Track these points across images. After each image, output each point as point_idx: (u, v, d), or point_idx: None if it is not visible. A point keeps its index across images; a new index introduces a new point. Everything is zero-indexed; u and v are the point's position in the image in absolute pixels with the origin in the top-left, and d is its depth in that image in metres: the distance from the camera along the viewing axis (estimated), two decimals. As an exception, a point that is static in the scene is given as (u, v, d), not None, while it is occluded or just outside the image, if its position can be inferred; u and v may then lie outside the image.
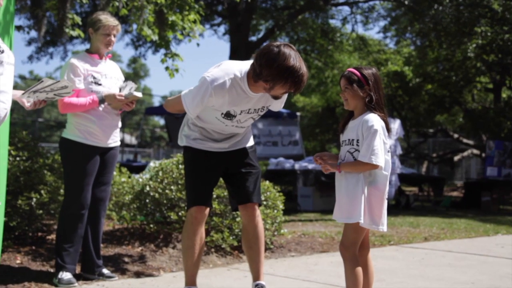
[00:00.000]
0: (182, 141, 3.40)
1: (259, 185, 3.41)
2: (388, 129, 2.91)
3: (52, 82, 2.98)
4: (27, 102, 3.09)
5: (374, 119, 2.85)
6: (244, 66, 3.11)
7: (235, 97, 3.08)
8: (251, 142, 3.48)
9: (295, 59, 2.90)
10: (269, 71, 2.90)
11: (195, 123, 3.32)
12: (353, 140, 2.89)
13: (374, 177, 2.86)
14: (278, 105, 3.36)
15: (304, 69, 2.92)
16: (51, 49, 17.75)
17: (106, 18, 3.93)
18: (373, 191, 2.84)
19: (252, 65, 3.02)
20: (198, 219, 3.26)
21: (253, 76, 3.02)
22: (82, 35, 6.13)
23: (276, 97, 3.11)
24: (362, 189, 2.82)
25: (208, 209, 3.31)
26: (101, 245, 4.26)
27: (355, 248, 2.88)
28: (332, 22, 19.39)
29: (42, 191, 4.73)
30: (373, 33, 42.44)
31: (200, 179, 3.31)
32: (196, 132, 3.33)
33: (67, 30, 5.85)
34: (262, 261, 3.36)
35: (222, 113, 3.15)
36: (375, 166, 2.81)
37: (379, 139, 2.82)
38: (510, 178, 12.05)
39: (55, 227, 4.84)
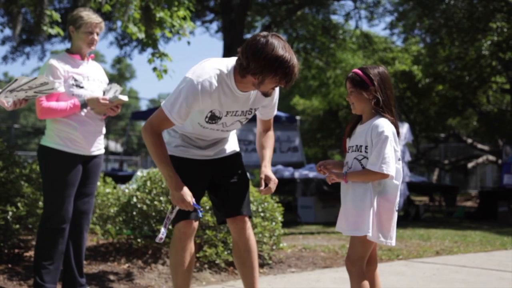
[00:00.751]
0: None
1: (249, 196, 3.41)
2: (398, 134, 2.93)
3: (28, 79, 3.00)
4: (6, 103, 3.11)
5: (384, 124, 2.87)
6: (230, 62, 3.09)
7: (222, 96, 3.05)
8: (236, 148, 3.48)
9: (284, 49, 2.90)
10: (256, 63, 2.88)
11: (175, 129, 3.33)
12: (361, 146, 2.92)
13: (384, 187, 2.89)
14: (269, 112, 3.34)
15: (294, 60, 2.93)
16: (27, 49, 17.78)
17: (88, 15, 3.95)
18: (382, 202, 2.87)
19: (238, 59, 2.99)
20: (188, 234, 3.26)
21: (240, 71, 2.99)
22: (62, 33, 6.15)
23: (266, 94, 3.07)
24: (371, 200, 2.84)
25: (197, 223, 3.32)
26: (84, 262, 4.26)
27: (362, 263, 2.90)
28: (334, 18, 19.51)
29: (19, 204, 4.73)
30: (379, 29, 42.72)
31: (190, 190, 3.25)
32: (177, 139, 3.32)
33: (45, 27, 5.87)
34: (257, 277, 3.36)
35: (206, 117, 3.12)
36: (386, 176, 2.83)
37: (390, 146, 2.84)
38: (529, 187, 12.09)
39: (34, 243, 4.83)
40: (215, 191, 3.39)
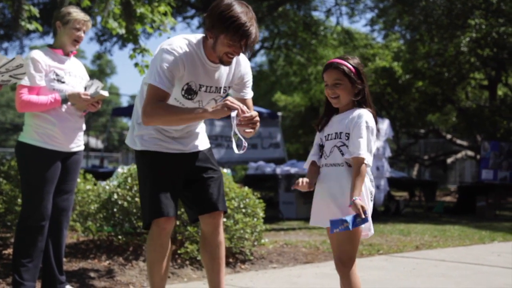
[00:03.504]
0: (135, 145, 3.31)
1: (223, 191, 3.40)
2: (377, 130, 2.91)
3: (8, 60, 2.96)
4: None
5: (367, 115, 2.82)
6: (199, 35, 3.18)
7: (194, 64, 3.08)
8: (208, 144, 3.49)
9: (243, 13, 2.94)
10: (211, 18, 2.98)
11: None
12: (341, 133, 2.84)
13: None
14: (244, 93, 3.33)
15: (254, 29, 2.95)
16: (5, 44, 17.58)
17: (77, 12, 3.95)
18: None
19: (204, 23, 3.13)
20: (167, 230, 3.21)
21: (204, 32, 3.09)
22: (40, 28, 6.07)
23: (222, 61, 3.06)
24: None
25: (174, 219, 3.27)
26: (64, 259, 4.22)
27: (353, 262, 2.82)
28: (315, 14, 19.56)
29: (-3, 201, 4.68)
30: (360, 26, 43.01)
31: (166, 186, 3.22)
32: (150, 130, 3.25)
33: (23, 23, 5.79)
34: (224, 272, 3.38)
35: (182, 89, 3.11)
36: (362, 162, 2.75)
37: (372, 137, 2.80)
38: (507, 182, 12.24)
39: (12, 240, 4.78)
40: (189, 187, 3.35)
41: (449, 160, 19.04)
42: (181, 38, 3.11)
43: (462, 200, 12.35)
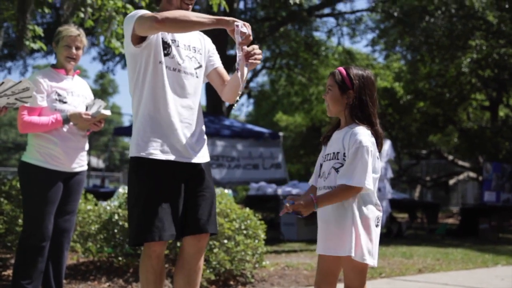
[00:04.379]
0: (132, 151, 3.03)
1: (215, 211, 3.13)
2: (381, 144, 2.73)
3: (14, 83, 2.97)
4: None
5: (362, 133, 2.66)
6: None
7: None
8: (208, 156, 3.21)
9: None
10: None
11: (148, 111, 3.00)
12: (338, 153, 2.71)
13: (363, 201, 2.68)
14: (213, 60, 3.29)
15: None
16: (9, 64, 17.61)
17: (67, 29, 3.95)
18: (363, 218, 2.66)
19: None
20: (162, 255, 3.02)
21: None
22: (44, 48, 6.11)
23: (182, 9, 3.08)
24: (352, 217, 2.63)
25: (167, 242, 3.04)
26: (64, 281, 4.19)
27: None
28: (317, 34, 19.65)
29: (-2, 221, 4.66)
30: (361, 46, 43.00)
31: (162, 201, 2.93)
32: (147, 128, 2.98)
33: (27, 42, 5.83)
34: None
35: (161, 48, 3.02)
36: (358, 189, 2.61)
37: (366, 157, 2.62)
38: (510, 204, 12.19)
39: (12, 261, 4.75)
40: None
41: (451, 182, 19.01)
42: None
43: (464, 222, 12.28)
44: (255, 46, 2.94)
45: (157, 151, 2.98)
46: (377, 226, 2.72)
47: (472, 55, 13.34)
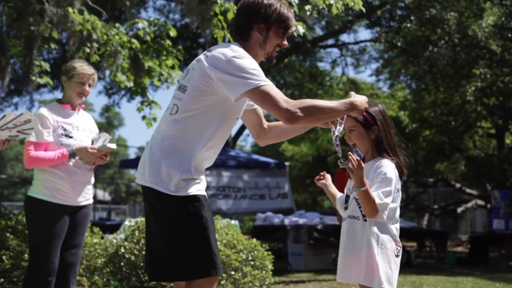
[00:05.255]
0: (180, 188, 2.69)
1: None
2: (403, 174, 2.87)
3: (15, 115, 3.00)
4: None
5: (388, 165, 2.79)
6: (233, 44, 2.85)
7: None
8: None
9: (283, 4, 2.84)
10: (255, 14, 2.77)
11: (214, 135, 2.76)
12: None
13: (383, 231, 2.76)
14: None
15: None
16: (15, 99, 17.79)
17: (82, 66, 3.99)
18: (383, 248, 2.74)
19: (237, 26, 2.87)
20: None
21: (243, 34, 2.82)
22: (51, 82, 6.19)
23: (270, 59, 2.88)
24: (373, 246, 2.72)
25: None
26: (70, 315, 4.15)
27: None
28: (321, 65, 19.82)
29: (4, 257, 4.65)
30: (365, 76, 43.44)
31: (214, 236, 2.74)
32: (190, 161, 2.71)
33: (33, 77, 5.90)
34: None
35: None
36: (375, 212, 2.67)
37: (390, 188, 2.72)
38: (519, 231, 12.07)
39: (18, 296, 4.72)
40: None
41: (459, 210, 18.85)
42: (232, 46, 2.77)
43: (474, 251, 12.15)
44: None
45: (202, 192, 2.79)
46: (397, 256, 2.79)
47: (476, 84, 13.38)
